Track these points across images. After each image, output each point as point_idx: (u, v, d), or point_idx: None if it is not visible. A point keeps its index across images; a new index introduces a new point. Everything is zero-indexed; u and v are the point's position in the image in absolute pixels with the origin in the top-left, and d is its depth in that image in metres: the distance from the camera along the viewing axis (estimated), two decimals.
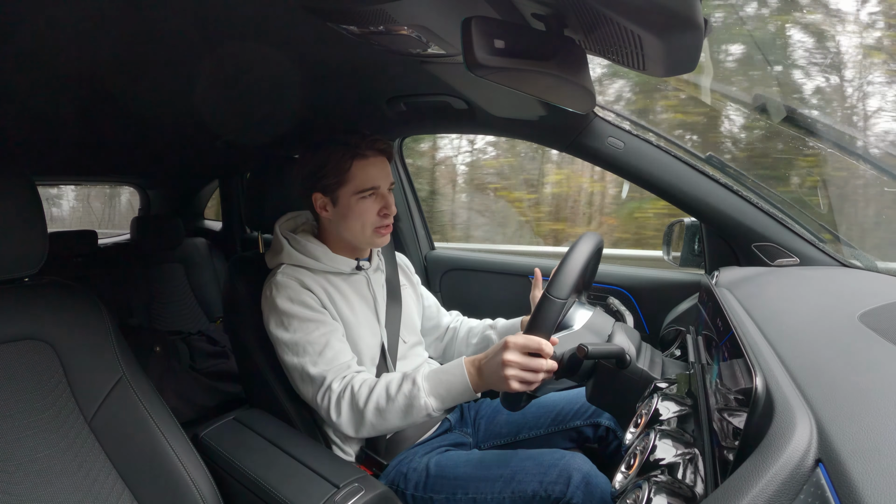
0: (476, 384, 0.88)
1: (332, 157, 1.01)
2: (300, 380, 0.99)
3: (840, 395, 0.45)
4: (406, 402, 0.90)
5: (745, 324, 0.67)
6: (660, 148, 1.16)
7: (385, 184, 1.05)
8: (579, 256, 0.87)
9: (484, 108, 1.22)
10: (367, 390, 0.93)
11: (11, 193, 0.81)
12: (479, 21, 0.57)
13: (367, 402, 0.92)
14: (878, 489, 0.32)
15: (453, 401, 0.90)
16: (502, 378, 0.83)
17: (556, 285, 0.83)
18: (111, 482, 0.84)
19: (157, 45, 0.84)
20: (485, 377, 0.88)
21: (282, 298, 1.00)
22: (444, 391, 0.90)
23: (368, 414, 0.91)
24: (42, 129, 1.34)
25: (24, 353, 0.82)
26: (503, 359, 0.83)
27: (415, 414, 0.90)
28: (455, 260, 1.77)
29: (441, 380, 0.90)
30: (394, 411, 0.91)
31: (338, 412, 0.94)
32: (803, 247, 1.10)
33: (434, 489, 0.97)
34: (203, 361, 2.02)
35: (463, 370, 0.89)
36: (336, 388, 0.95)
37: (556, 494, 0.87)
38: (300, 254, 1.06)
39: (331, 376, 0.96)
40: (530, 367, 0.82)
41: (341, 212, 1.04)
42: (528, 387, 0.84)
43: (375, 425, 0.93)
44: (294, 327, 0.98)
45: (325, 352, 0.97)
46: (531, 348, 0.82)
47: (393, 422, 0.92)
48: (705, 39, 0.59)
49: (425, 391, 0.89)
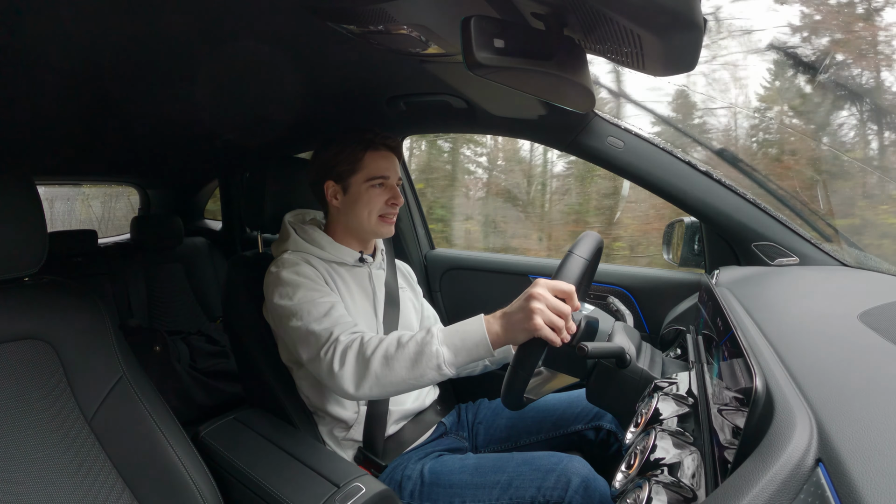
0: (495, 335, 0.82)
1: (347, 147, 1.08)
2: (303, 341, 0.93)
3: (840, 395, 0.44)
4: (417, 348, 0.83)
5: (745, 323, 0.67)
6: (660, 147, 1.16)
7: (394, 177, 1.10)
8: (587, 242, 0.88)
9: (484, 108, 1.22)
10: (377, 341, 0.87)
11: (11, 193, 0.81)
12: (479, 20, 0.57)
13: (375, 351, 0.85)
14: (878, 489, 0.31)
15: (468, 354, 0.83)
16: (528, 314, 0.77)
17: (579, 245, 0.85)
18: (111, 482, 0.84)
19: (158, 45, 0.84)
20: (507, 322, 0.81)
21: (287, 271, 1.00)
22: (458, 341, 0.83)
23: (374, 363, 0.85)
24: (42, 129, 1.34)
25: (25, 353, 0.82)
26: (532, 292, 0.78)
27: (424, 363, 0.83)
28: (455, 259, 1.77)
29: (456, 330, 0.85)
30: (402, 359, 0.84)
31: (341, 362, 0.87)
32: (803, 246, 1.10)
33: (430, 497, 0.95)
34: (203, 361, 2.02)
35: (481, 321, 0.84)
36: (344, 340, 0.89)
37: (554, 500, 0.86)
38: (306, 242, 1.08)
39: (338, 330, 0.91)
40: (558, 308, 0.78)
41: (351, 199, 1.08)
42: (551, 335, 0.77)
43: (380, 377, 0.85)
44: (298, 296, 0.96)
45: (331, 312, 0.95)
46: (561, 289, 0.79)
47: (399, 372, 0.84)
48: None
49: (438, 340, 0.83)
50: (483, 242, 4.15)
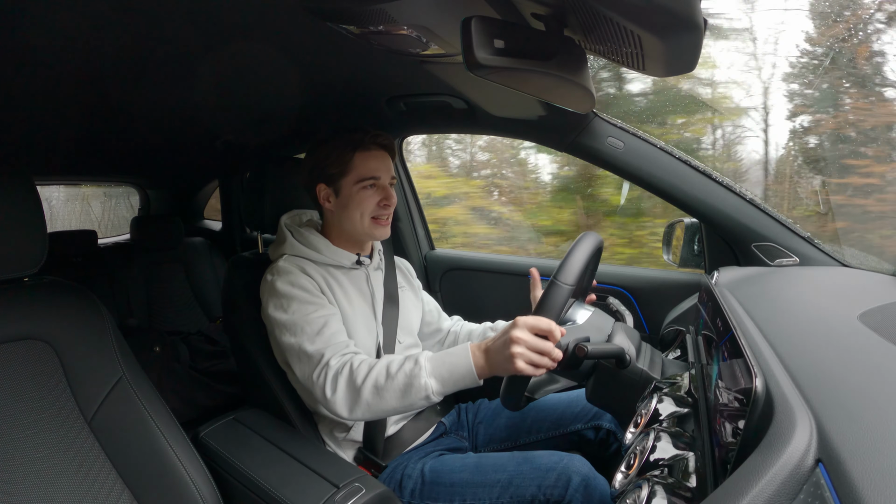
0: (481, 369, 0.85)
1: (336, 149, 1.06)
2: (296, 359, 0.96)
3: (840, 395, 0.45)
4: (406, 380, 0.86)
5: (745, 324, 0.67)
6: (660, 148, 1.16)
7: (386, 177, 1.08)
8: (584, 249, 0.87)
9: (484, 108, 1.22)
10: (367, 368, 0.89)
11: (11, 193, 0.81)
12: (479, 21, 0.57)
13: (365, 380, 0.88)
14: (878, 489, 0.32)
15: (455, 384, 0.87)
16: (509, 357, 0.80)
17: (563, 272, 0.84)
18: (111, 482, 0.84)
19: (158, 45, 0.84)
20: (491, 359, 0.84)
21: (282, 282, 1.00)
22: (446, 373, 0.86)
23: (365, 392, 0.88)
24: (42, 129, 1.35)
25: (24, 353, 0.82)
26: (512, 335, 0.80)
27: (413, 395, 0.86)
28: (455, 260, 1.77)
29: (444, 361, 0.87)
30: (392, 390, 0.87)
31: (333, 389, 0.90)
32: (803, 247, 1.10)
33: (430, 496, 0.96)
34: (203, 361, 2.01)
35: (468, 353, 0.86)
36: (334, 365, 0.91)
37: (555, 498, 0.86)
38: (303, 245, 1.08)
39: (329, 353, 0.93)
40: (539, 348, 0.80)
41: (343, 202, 1.07)
42: (534, 371, 0.81)
43: (371, 405, 0.88)
44: (293, 309, 0.97)
45: (324, 330, 0.95)
46: (541, 328, 0.80)
47: (390, 402, 0.88)
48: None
49: (427, 371, 0.86)
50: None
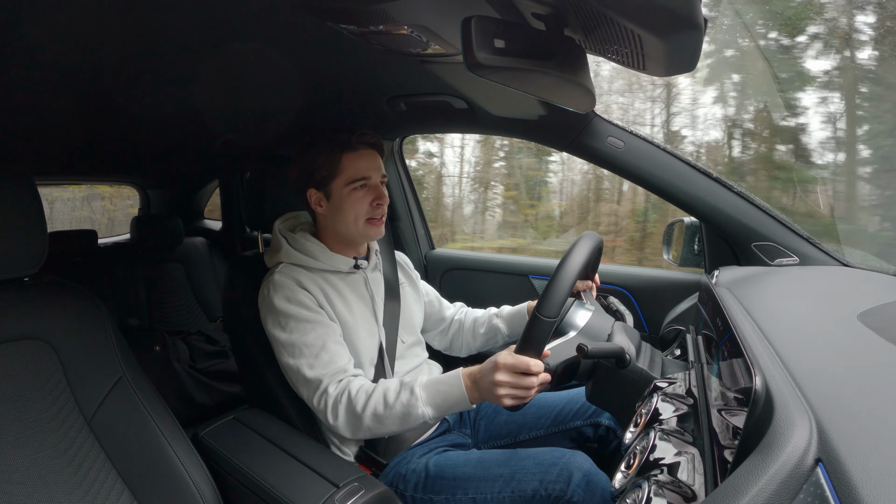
0: (473, 396, 0.89)
1: (322, 153, 1.05)
2: (297, 381, 0.99)
3: (840, 395, 0.45)
4: (403, 410, 0.90)
5: (745, 323, 0.67)
6: (660, 147, 1.16)
7: (376, 176, 1.07)
8: (570, 270, 0.84)
9: (484, 108, 1.22)
10: (365, 396, 0.93)
11: (11, 193, 0.81)
12: (479, 21, 0.57)
13: (364, 408, 0.92)
14: (878, 489, 0.32)
15: (450, 410, 0.91)
16: (496, 398, 0.85)
17: (545, 304, 0.82)
18: (111, 482, 0.84)
19: (157, 44, 0.84)
20: (481, 390, 0.88)
21: (279, 298, 1.00)
22: (441, 401, 0.90)
23: (366, 419, 0.92)
24: (42, 129, 1.34)
25: (24, 353, 0.82)
26: (494, 379, 0.84)
27: (412, 422, 0.91)
28: (455, 259, 1.77)
29: (439, 390, 0.91)
30: (391, 418, 0.91)
31: (335, 416, 0.94)
32: (803, 246, 1.10)
33: (434, 490, 0.97)
34: (203, 361, 2.01)
35: (460, 382, 0.90)
36: (332, 393, 0.95)
37: (556, 493, 0.87)
38: (298, 252, 1.07)
39: (326, 380, 0.96)
40: (521, 385, 0.83)
41: (335, 205, 1.06)
42: (524, 401, 0.86)
43: (373, 429, 0.93)
44: (291, 328, 0.99)
45: (322, 354, 0.97)
46: (520, 369, 0.83)
47: (390, 427, 0.93)
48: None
49: (423, 401, 0.90)
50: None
